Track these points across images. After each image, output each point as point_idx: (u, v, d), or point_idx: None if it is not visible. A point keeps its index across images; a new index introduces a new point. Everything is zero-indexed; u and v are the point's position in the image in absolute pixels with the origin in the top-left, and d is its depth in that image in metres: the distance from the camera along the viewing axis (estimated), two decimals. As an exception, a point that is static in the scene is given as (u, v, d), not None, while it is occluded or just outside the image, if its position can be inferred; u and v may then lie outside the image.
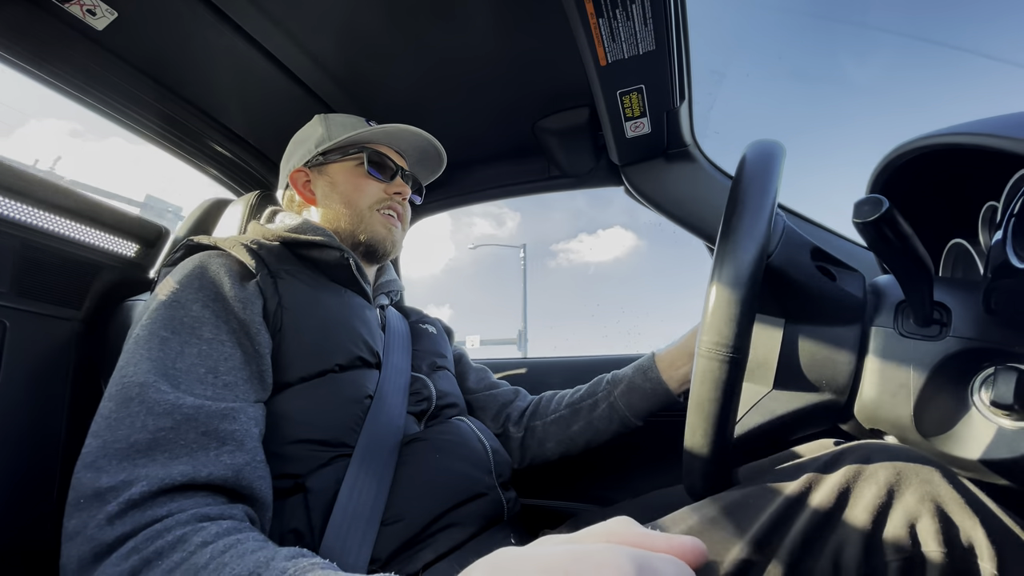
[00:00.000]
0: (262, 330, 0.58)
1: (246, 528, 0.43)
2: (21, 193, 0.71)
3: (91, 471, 0.43)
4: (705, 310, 0.41)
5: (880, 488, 0.38)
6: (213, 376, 0.52)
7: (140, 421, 0.46)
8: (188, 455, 0.46)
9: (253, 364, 0.56)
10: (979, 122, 0.40)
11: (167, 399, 0.47)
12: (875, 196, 0.35)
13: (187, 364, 0.51)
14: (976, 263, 0.53)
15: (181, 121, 1.00)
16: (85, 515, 0.41)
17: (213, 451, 0.47)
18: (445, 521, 0.58)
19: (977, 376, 0.43)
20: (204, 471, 0.45)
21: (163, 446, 0.45)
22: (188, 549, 0.38)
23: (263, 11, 0.80)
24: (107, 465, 0.43)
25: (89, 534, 0.40)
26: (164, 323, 0.53)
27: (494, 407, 0.89)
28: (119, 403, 0.47)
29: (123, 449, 0.44)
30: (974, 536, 0.35)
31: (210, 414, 0.49)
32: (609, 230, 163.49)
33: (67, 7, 0.75)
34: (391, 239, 0.79)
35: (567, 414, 0.84)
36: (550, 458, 0.85)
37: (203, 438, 0.47)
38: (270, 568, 0.36)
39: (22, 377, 0.70)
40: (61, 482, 0.72)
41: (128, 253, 0.86)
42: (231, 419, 0.50)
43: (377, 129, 0.78)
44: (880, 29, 23.23)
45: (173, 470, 0.44)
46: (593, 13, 0.68)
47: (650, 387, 0.79)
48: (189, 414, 0.47)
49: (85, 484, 0.43)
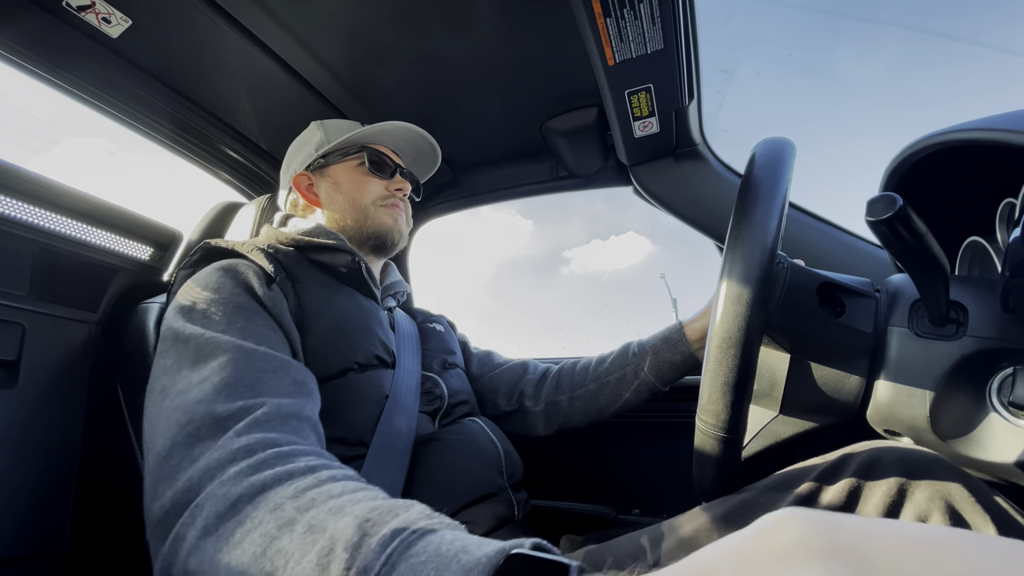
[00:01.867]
0: (293, 328, 0.59)
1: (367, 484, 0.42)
2: (39, 198, 0.72)
3: (205, 404, 0.43)
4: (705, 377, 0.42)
5: (890, 487, 0.38)
6: (277, 351, 0.53)
7: (243, 364, 0.47)
8: (292, 395, 0.47)
9: (295, 356, 0.58)
10: (996, 117, 0.39)
11: (260, 350, 0.49)
12: (889, 194, 0.34)
13: (254, 341, 0.51)
14: (994, 261, 0.52)
15: (194, 126, 1.02)
16: (208, 440, 0.40)
17: (308, 398, 0.49)
18: (458, 519, 0.59)
19: (995, 377, 0.42)
20: (309, 407, 0.47)
21: (268, 383, 0.46)
22: (320, 477, 0.37)
23: (273, 16, 0.81)
24: (219, 398, 0.43)
25: (219, 445, 0.39)
26: (219, 310, 0.53)
27: (504, 386, 0.89)
28: (219, 357, 0.47)
29: (233, 385, 0.44)
30: (986, 533, 0.35)
31: (299, 368, 0.51)
32: (623, 235, 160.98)
33: (83, 16, 0.77)
34: (398, 228, 0.80)
35: (594, 389, 0.84)
36: (575, 425, 0.86)
37: (298, 386, 0.49)
38: (411, 510, 0.33)
39: (41, 379, 0.71)
40: (78, 482, 0.73)
41: (143, 256, 0.88)
42: (312, 379, 0.53)
43: (375, 127, 0.79)
44: (891, 24, 22.62)
45: (285, 400, 0.45)
46: (601, 13, 0.68)
47: (680, 359, 0.79)
48: (284, 362, 0.50)
49: (203, 414, 0.42)
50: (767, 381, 0.52)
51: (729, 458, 0.45)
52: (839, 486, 0.40)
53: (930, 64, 49.60)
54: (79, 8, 0.75)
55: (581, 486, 1.08)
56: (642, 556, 0.47)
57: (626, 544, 0.50)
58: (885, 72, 59.15)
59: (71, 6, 0.75)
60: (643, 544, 0.49)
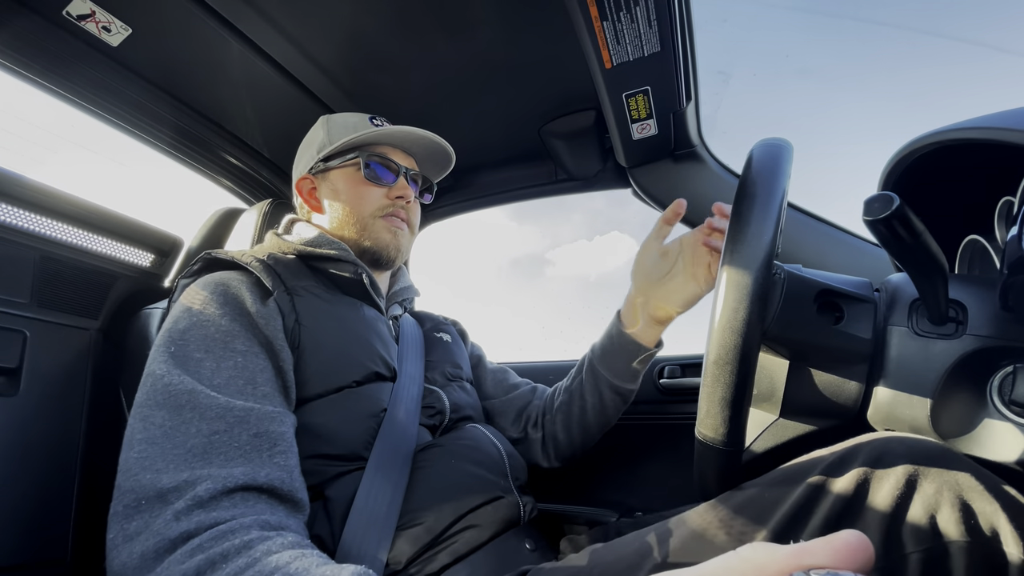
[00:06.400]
0: (284, 346, 0.58)
1: (307, 544, 0.43)
2: (40, 206, 0.73)
3: (150, 473, 0.44)
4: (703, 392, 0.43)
5: (899, 479, 0.38)
6: (252, 387, 0.53)
7: (195, 427, 0.47)
8: (243, 457, 0.47)
9: (280, 378, 0.57)
10: (993, 116, 0.39)
11: (218, 403, 0.48)
12: (886, 193, 0.34)
13: (225, 378, 0.52)
14: (993, 259, 0.52)
15: (194, 133, 1.02)
16: (147, 515, 0.42)
17: (267, 452, 0.48)
18: (463, 524, 0.58)
19: (995, 375, 0.42)
20: (262, 473, 0.46)
21: (218, 449, 0.46)
22: (254, 556, 0.39)
23: (272, 23, 0.82)
24: (166, 467, 0.44)
25: (155, 529, 0.41)
26: (196, 343, 0.53)
27: (512, 412, 0.87)
28: (171, 411, 0.47)
29: (181, 454, 0.45)
30: (996, 522, 0.35)
31: (260, 416, 0.50)
32: (608, 235, 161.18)
33: (83, 24, 0.77)
34: (395, 245, 0.76)
35: (566, 400, 0.83)
36: (574, 448, 0.83)
37: (255, 440, 0.48)
38: None
39: (42, 386, 0.71)
40: (80, 489, 0.73)
41: (143, 263, 0.88)
42: (279, 422, 0.51)
43: (378, 131, 0.75)
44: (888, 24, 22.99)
45: (234, 471, 0.45)
46: (597, 16, 0.69)
47: (619, 345, 0.77)
48: (241, 416, 0.49)
49: (145, 485, 0.43)
50: (767, 385, 0.52)
51: (730, 467, 0.45)
52: (847, 478, 0.39)
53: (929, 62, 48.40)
54: (79, 17, 0.76)
55: (583, 489, 1.08)
56: (649, 554, 0.47)
57: (632, 542, 0.50)
58: (882, 71, 57.95)
59: (71, 15, 0.76)
60: (650, 542, 0.48)
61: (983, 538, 0.35)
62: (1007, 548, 0.34)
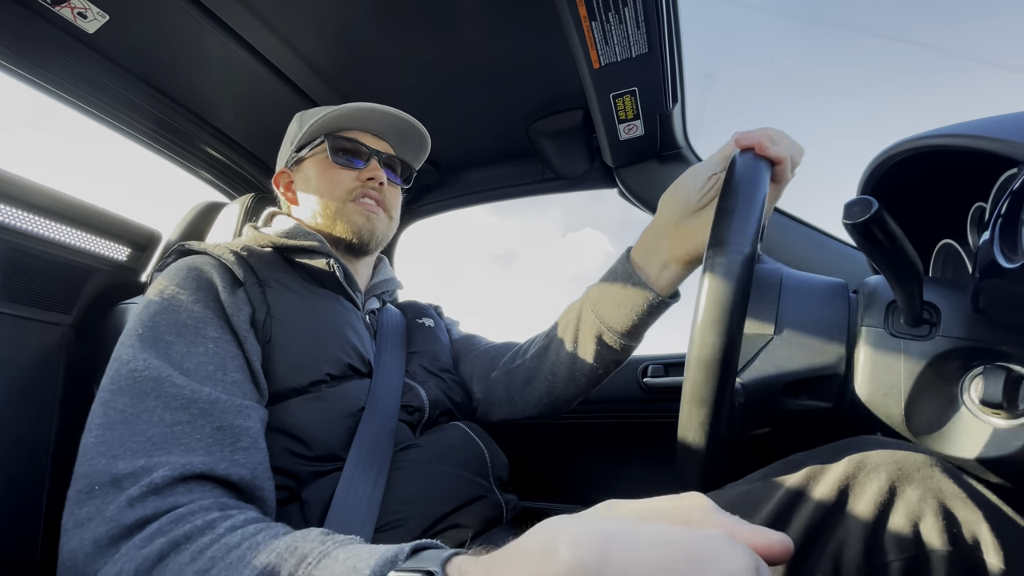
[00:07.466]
0: (249, 338, 0.57)
1: (269, 521, 0.42)
2: (8, 196, 0.70)
3: (105, 458, 0.42)
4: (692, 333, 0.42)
5: (882, 485, 0.38)
6: (222, 373, 0.52)
7: (158, 415, 0.45)
8: (204, 449, 0.45)
9: (248, 368, 0.56)
10: (968, 124, 0.40)
11: (183, 392, 0.47)
12: (865, 197, 0.35)
13: (195, 363, 0.51)
14: (965, 263, 0.53)
15: (174, 124, 1.00)
16: (100, 501, 0.40)
17: (228, 447, 0.47)
18: (445, 524, 0.58)
19: (967, 375, 0.43)
20: (222, 466, 0.45)
21: (179, 439, 0.45)
22: (218, 532, 0.37)
23: (254, 12, 0.80)
24: (123, 454, 0.43)
25: (108, 515, 0.39)
26: (167, 327, 0.52)
27: (479, 371, 0.82)
28: (134, 397, 0.46)
29: (140, 442, 0.44)
30: (978, 530, 0.35)
31: (225, 409, 0.48)
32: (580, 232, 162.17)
33: (57, 10, 0.75)
34: (370, 228, 0.73)
35: (543, 343, 0.75)
36: (538, 397, 0.75)
37: (218, 433, 0.47)
38: (306, 540, 0.35)
39: (10, 383, 0.69)
40: (51, 488, 0.71)
41: (119, 257, 0.86)
42: (245, 415, 0.50)
43: (341, 111, 0.71)
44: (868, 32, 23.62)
45: (193, 459, 0.44)
46: (586, 16, 0.69)
47: (626, 287, 0.63)
48: (205, 408, 0.47)
49: (100, 471, 0.42)
50: None
51: (712, 460, 0.45)
52: (828, 483, 0.39)
53: (907, 70, 50.50)
54: (53, 2, 0.74)
55: (567, 487, 1.09)
56: None
57: None
58: (863, 78, 60.24)
59: (45, 0, 0.73)
60: None
61: (965, 547, 0.35)
62: (988, 558, 0.34)
